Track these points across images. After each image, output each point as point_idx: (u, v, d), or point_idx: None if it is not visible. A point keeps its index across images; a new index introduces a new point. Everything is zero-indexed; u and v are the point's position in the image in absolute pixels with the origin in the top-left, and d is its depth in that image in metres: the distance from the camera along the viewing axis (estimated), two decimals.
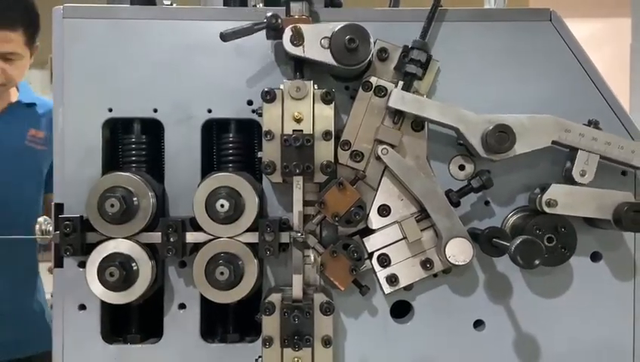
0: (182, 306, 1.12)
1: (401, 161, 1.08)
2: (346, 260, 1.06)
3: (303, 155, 1.00)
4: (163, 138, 1.12)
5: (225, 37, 1.06)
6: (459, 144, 1.16)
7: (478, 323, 1.14)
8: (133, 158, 1.12)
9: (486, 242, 1.05)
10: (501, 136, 1.02)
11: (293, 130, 1.04)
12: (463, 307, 1.13)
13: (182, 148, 1.12)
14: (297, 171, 1.01)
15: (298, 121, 1.04)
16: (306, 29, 1.05)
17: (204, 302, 1.12)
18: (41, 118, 1.92)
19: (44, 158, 1.91)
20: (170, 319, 1.12)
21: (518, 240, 0.93)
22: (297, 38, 1.03)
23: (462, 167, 1.16)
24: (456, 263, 1.06)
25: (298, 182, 1.06)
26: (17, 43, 1.73)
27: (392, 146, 1.08)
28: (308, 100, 1.05)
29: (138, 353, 1.15)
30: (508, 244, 0.95)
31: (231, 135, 1.14)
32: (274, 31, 1.06)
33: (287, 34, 1.05)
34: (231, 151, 1.16)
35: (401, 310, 1.18)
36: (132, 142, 1.13)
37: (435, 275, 1.15)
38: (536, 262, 0.93)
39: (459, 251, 1.05)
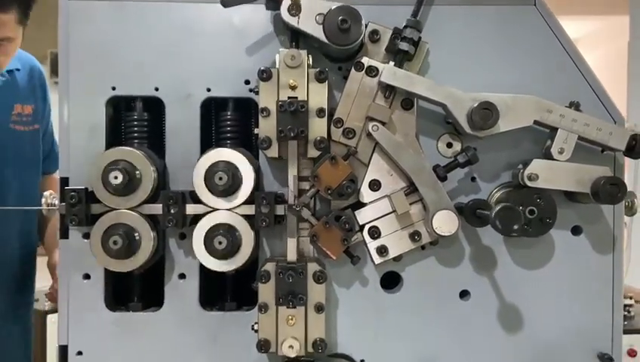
0: (182, 276, 1.17)
1: (391, 137, 1.13)
2: (338, 231, 1.11)
3: (297, 120, 1.05)
4: (164, 115, 1.16)
5: (225, 3, 1.12)
6: (447, 122, 1.21)
7: (464, 294, 1.19)
8: (136, 135, 1.17)
9: (470, 213, 1.11)
10: (485, 113, 1.08)
11: (288, 97, 1.09)
12: (450, 278, 1.18)
13: (182, 126, 1.17)
14: (292, 135, 1.04)
15: (293, 88, 1.09)
16: (303, 1, 1.09)
17: (204, 273, 1.20)
18: (26, 85, 1.68)
19: (36, 139, 1.71)
20: (171, 288, 1.17)
21: (497, 207, 0.99)
22: (295, 8, 1.09)
23: (449, 145, 1.21)
24: (443, 234, 1.11)
25: (293, 147, 1.11)
26: (9, 26, 1.45)
27: (383, 123, 1.14)
28: (302, 69, 1.10)
29: (140, 320, 1.20)
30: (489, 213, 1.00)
31: (229, 113, 1.20)
32: (273, 2, 1.11)
33: (286, 3, 1.09)
34: (229, 128, 1.21)
35: (391, 282, 1.23)
36: (134, 119, 1.17)
37: (423, 247, 1.20)
38: (515, 227, 0.99)
39: (445, 222, 1.11)
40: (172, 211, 1.10)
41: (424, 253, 1.18)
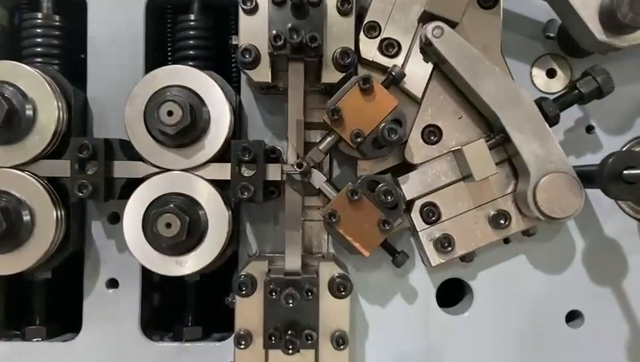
0: (112, 283, 0.81)
1: (465, 46, 0.68)
2: (373, 208, 0.70)
3: (304, 19, 0.68)
4: (86, 20, 0.80)
5: None
6: (547, 37, 0.80)
7: (574, 316, 0.82)
8: (39, 50, 0.80)
9: (612, 177, 0.63)
10: None
11: None
12: (550, 291, 0.81)
13: (115, 36, 0.79)
14: (295, 39, 0.66)
15: None
16: None
17: (148, 279, 0.82)
18: None
19: None
20: (94, 303, 0.80)
21: None
22: None
23: (552, 73, 0.81)
24: (555, 216, 0.67)
25: (297, 67, 0.68)
26: None
27: (451, 25, 0.67)
28: None
29: (44, 353, 0.80)
30: None
31: (192, 17, 0.82)
32: None
33: None
34: (192, 41, 0.81)
35: (452, 294, 0.84)
36: (37, 24, 0.80)
37: (506, 241, 0.79)
38: None
39: (559, 195, 0.66)
40: (88, 171, 0.70)
41: (509, 248, 0.80)
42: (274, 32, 0.68)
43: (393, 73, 0.70)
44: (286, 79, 0.72)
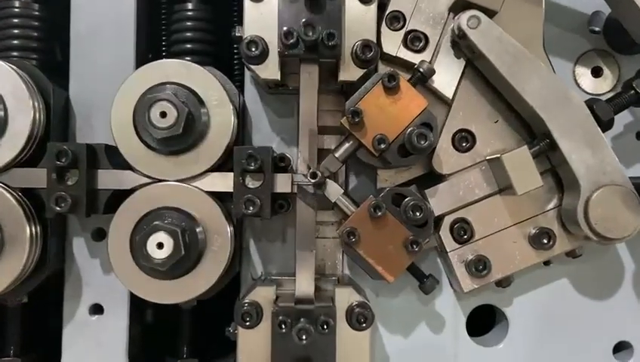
0: (96, 309, 0.73)
1: (505, 38, 0.60)
2: (399, 226, 0.61)
3: (320, 15, 0.60)
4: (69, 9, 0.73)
5: None
6: (591, 31, 0.72)
7: (622, 347, 0.74)
8: (15, 42, 0.73)
9: None
10: None
11: None
12: (596, 319, 0.73)
13: (102, 28, 0.71)
14: (310, 35, 0.58)
15: None
16: None
17: (137, 304, 0.74)
18: None
19: None
20: (76, 331, 0.72)
21: None
22: None
23: (597, 72, 0.72)
24: (610, 236, 0.59)
25: (310, 72, 0.61)
26: None
27: (489, 14, 0.59)
28: None
29: None
30: None
31: (190, 6, 0.74)
32: None
33: None
34: (190, 34, 0.72)
35: (481, 320, 0.75)
36: (14, 13, 0.72)
37: (546, 262, 0.71)
38: None
39: (615, 211, 0.59)
40: (67, 182, 0.63)
41: (549, 271, 0.72)
42: (285, 28, 0.60)
43: (421, 70, 0.62)
44: (297, 78, 0.64)
